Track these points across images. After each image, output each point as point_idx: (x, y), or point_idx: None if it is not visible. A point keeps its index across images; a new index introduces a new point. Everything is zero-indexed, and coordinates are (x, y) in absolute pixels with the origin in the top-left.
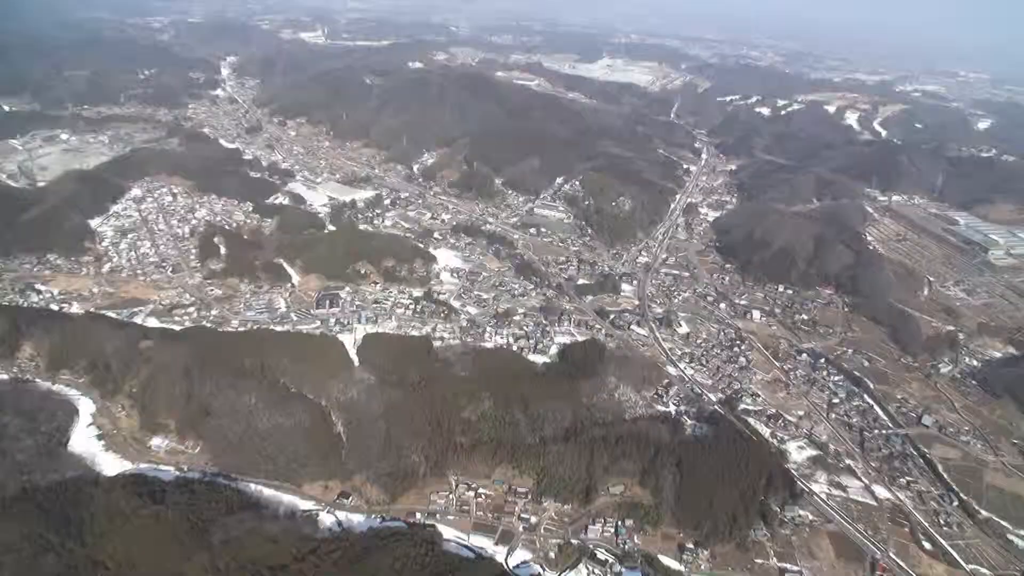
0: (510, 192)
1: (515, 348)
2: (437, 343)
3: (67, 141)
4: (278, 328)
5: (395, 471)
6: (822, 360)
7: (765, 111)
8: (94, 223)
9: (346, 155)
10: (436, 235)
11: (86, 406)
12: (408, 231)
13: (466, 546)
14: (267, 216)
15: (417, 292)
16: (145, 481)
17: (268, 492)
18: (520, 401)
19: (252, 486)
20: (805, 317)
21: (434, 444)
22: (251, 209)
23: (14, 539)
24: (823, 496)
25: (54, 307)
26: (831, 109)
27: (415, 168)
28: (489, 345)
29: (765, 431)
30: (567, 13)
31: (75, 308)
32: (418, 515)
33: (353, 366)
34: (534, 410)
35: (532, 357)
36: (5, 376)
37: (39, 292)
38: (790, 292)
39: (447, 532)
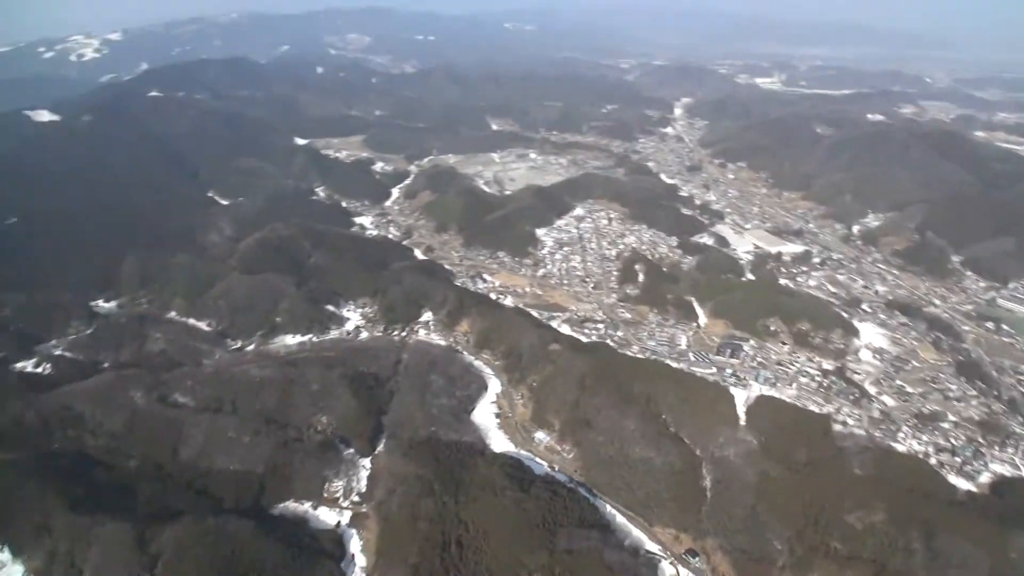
0: (968, 273)
1: (933, 461)
2: (838, 427)
3: (534, 160)
4: (673, 364)
5: (751, 550)
6: None
7: None
8: (539, 232)
9: (781, 205)
10: (865, 307)
11: (494, 386)
12: (833, 296)
13: None
14: (689, 253)
15: (828, 364)
16: (520, 467)
17: (620, 519)
18: (923, 527)
19: (607, 507)
20: None
21: (803, 538)
22: (675, 244)
23: (409, 475)
24: None
25: (493, 296)
26: None
27: (855, 229)
28: (900, 448)
29: None
30: None
31: (508, 301)
32: None
33: (739, 424)
34: (940, 544)
35: (953, 479)
36: (444, 343)
37: (485, 281)
38: None
39: None
